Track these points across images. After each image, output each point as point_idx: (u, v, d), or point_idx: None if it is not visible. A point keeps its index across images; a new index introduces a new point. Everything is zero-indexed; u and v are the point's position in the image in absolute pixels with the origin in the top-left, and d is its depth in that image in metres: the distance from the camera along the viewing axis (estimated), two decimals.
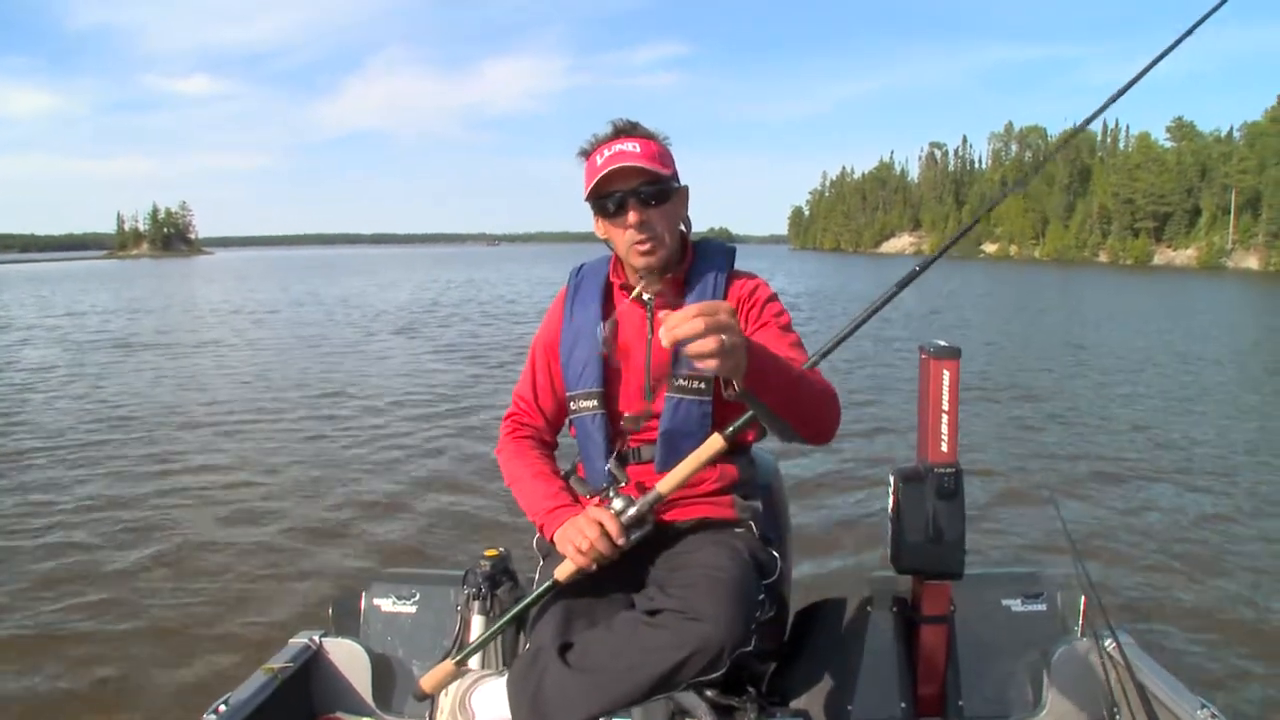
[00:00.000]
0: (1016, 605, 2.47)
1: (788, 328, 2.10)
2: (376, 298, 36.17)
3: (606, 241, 2.16)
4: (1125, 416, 10.63)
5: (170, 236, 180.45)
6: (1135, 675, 2.13)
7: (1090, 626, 2.41)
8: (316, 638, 2.53)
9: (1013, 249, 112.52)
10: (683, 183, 2.16)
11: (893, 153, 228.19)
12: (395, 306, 30.97)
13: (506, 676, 1.88)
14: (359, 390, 12.67)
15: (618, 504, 1.91)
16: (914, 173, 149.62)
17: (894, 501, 2.29)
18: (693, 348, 1.44)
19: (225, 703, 2.16)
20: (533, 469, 2.17)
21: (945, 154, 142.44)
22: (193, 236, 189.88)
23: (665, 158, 2.09)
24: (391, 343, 19.38)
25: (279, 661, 2.39)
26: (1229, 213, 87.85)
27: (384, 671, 2.53)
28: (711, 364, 1.46)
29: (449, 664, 1.99)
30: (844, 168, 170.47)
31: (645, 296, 2.10)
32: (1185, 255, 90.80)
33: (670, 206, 2.08)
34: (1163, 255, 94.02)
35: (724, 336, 1.44)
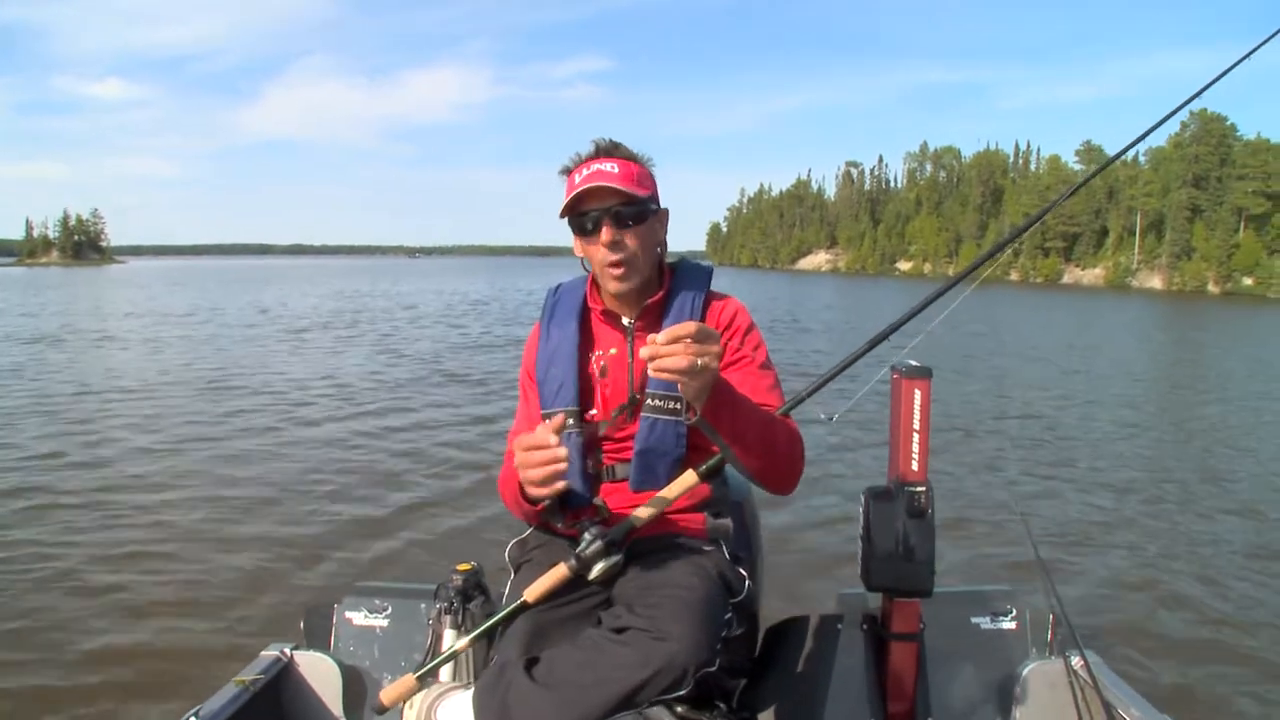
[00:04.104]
0: (986, 623, 2.50)
1: (766, 364, 2.12)
2: (327, 306, 36.15)
3: (583, 260, 2.16)
4: (1090, 434, 10.88)
5: (81, 244, 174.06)
6: (1102, 693, 2.17)
7: (1058, 645, 2.45)
8: (288, 650, 2.51)
9: (927, 267, 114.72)
10: (663, 205, 2.16)
11: (810, 171, 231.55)
12: (348, 314, 31.11)
13: (472, 690, 1.87)
14: (327, 401, 12.57)
15: (592, 532, 1.93)
16: (831, 191, 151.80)
17: (865, 520, 2.30)
18: (665, 362, 1.56)
19: (196, 714, 2.13)
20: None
21: (861, 173, 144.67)
22: (104, 244, 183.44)
23: (644, 179, 2.08)
24: (347, 352, 19.25)
25: (250, 674, 2.37)
26: (1134, 234, 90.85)
27: (355, 684, 2.51)
28: (674, 379, 1.60)
29: (410, 678, 1.95)
30: (762, 184, 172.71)
31: (625, 321, 2.12)
32: (1093, 274, 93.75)
33: (646, 229, 2.08)
34: (1071, 274, 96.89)
35: (699, 359, 1.58)
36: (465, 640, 2.00)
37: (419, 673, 1.96)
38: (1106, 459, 9.43)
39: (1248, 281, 78.60)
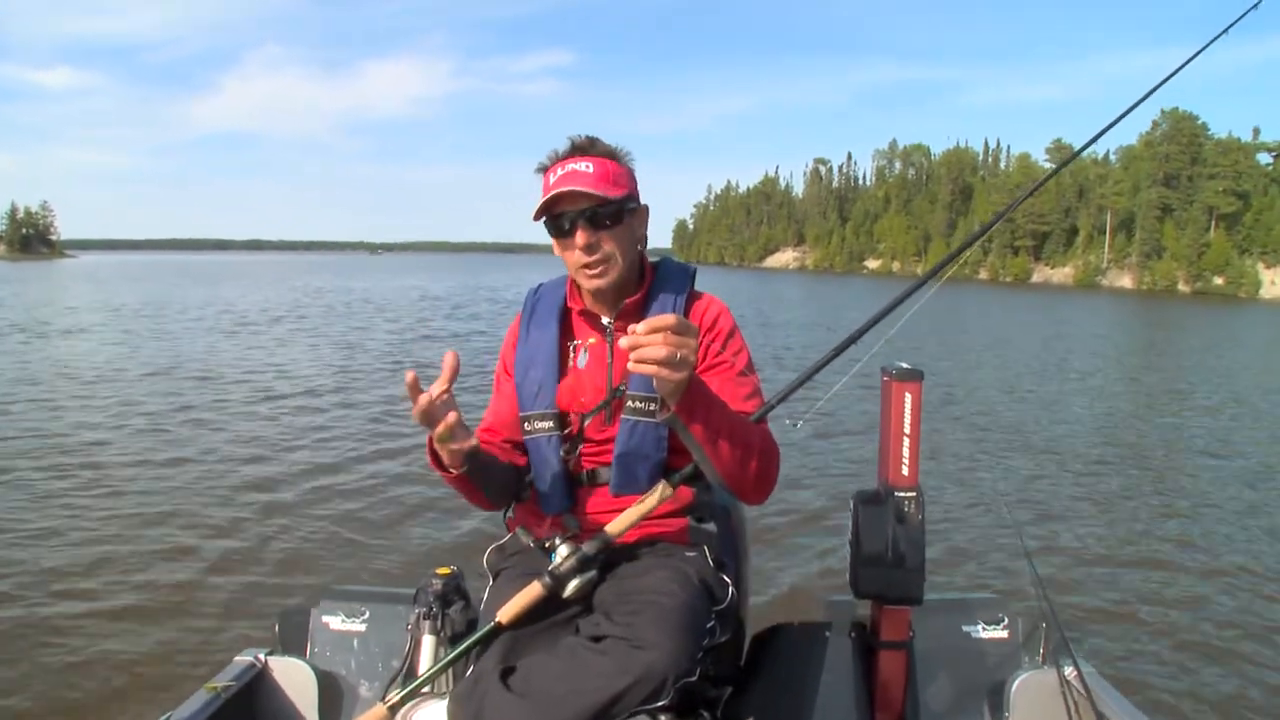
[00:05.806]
0: (977, 632, 2.47)
1: (746, 371, 2.07)
2: (293, 301, 36.39)
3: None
4: (1084, 441, 10.86)
5: (30, 238, 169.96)
6: (1095, 704, 2.14)
7: (1051, 654, 2.42)
8: (262, 656, 2.46)
9: (895, 265, 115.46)
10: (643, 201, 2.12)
11: (778, 167, 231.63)
12: (317, 309, 31.29)
13: (447, 699, 1.84)
14: (302, 399, 12.51)
15: (563, 550, 1.92)
16: (799, 188, 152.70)
17: (854, 525, 2.27)
18: (644, 352, 1.52)
19: None
20: None
21: (830, 170, 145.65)
22: (54, 238, 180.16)
23: (620, 178, 2.03)
24: (318, 348, 19.19)
25: (222, 680, 2.32)
26: (1104, 233, 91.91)
27: (331, 691, 2.46)
28: (653, 371, 1.53)
29: (382, 708, 1.92)
30: (729, 181, 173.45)
31: (605, 321, 2.08)
32: (1063, 273, 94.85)
33: (623, 228, 2.03)
34: (1041, 273, 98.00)
35: (678, 351, 1.53)
36: (440, 665, 1.98)
37: (390, 702, 1.93)
38: (1100, 466, 9.42)
39: (1218, 281, 79.65)
